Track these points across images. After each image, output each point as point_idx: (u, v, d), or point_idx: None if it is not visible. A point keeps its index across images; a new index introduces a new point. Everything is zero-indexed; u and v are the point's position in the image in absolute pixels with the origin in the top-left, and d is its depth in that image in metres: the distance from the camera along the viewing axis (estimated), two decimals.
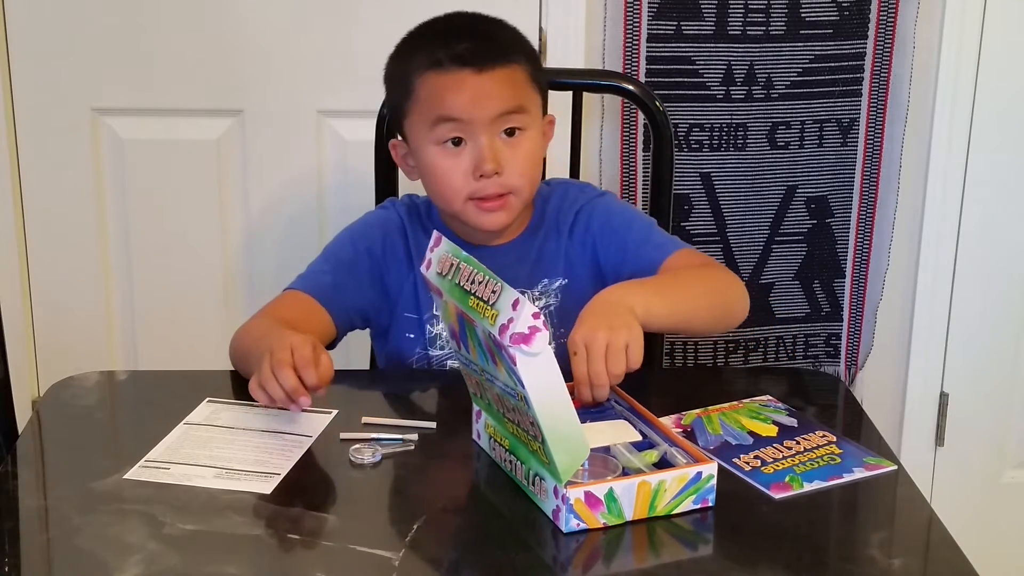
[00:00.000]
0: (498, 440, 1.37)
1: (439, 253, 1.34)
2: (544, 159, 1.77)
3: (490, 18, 1.71)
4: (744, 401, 1.55)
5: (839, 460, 1.40)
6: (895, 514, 1.38)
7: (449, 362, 1.69)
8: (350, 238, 1.76)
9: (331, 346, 1.67)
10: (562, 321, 1.70)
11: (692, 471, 1.27)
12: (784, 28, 2.30)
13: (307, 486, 1.35)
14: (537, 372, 1.19)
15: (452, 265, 1.30)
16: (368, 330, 1.79)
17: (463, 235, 1.71)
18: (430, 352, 1.70)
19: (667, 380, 1.85)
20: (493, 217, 1.66)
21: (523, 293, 1.68)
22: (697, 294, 1.63)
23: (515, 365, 1.18)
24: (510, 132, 1.63)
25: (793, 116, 2.35)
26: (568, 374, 1.41)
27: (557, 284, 1.72)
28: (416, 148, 1.67)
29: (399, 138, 1.73)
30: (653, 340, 1.82)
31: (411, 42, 1.71)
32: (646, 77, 2.28)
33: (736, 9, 2.27)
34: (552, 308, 1.72)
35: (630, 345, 1.42)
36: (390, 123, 1.74)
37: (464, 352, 1.34)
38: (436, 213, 1.75)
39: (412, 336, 1.71)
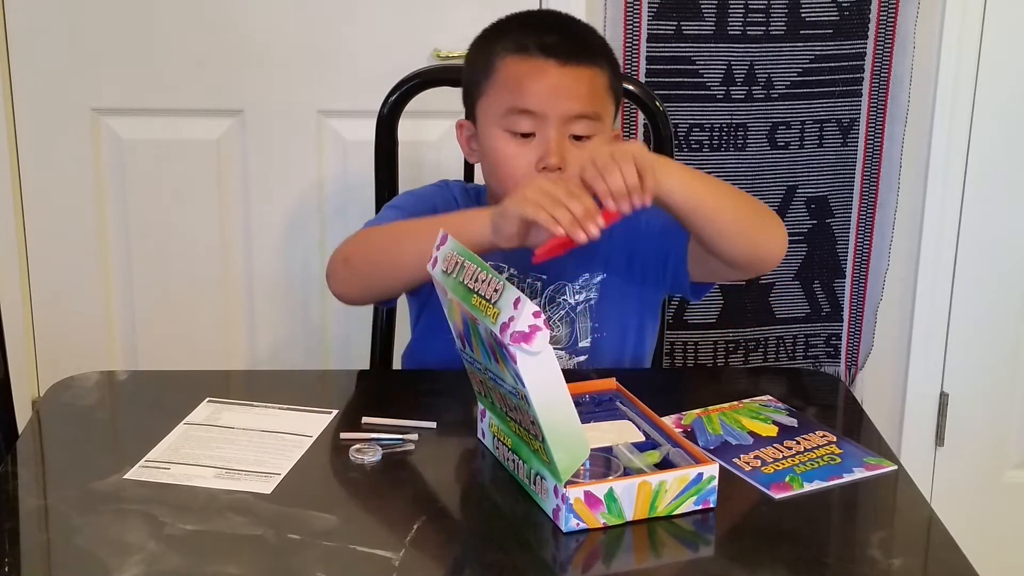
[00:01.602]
0: (501, 439, 1.37)
1: (445, 251, 1.34)
2: None
3: (581, 20, 1.72)
4: (744, 401, 1.55)
5: (839, 460, 1.40)
6: (895, 514, 1.38)
7: None
8: (415, 198, 1.73)
9: (410, 292, 1.67)
10: (599, 316, 1.70)
11: (693, 472, 1.27)
12: (784, 28, 2.30)
13: (307, 486, 1.35)
14: (537, 371, 1.19)
15: (457, 263, 1.30)
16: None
17: None
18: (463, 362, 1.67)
19: (667, 380, 1.85)
20: None
21: (564, 286, 1.68)
22: (726, 194, 1.57)
23: (515, 363, 1.18)
24: (578, 136, 1.62)
25: (793, 116, 2.35)
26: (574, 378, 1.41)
27: (598, 279, 1.71)
28: (483, 129, 1.66)
29: (467, 120, 1.71)
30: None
31: (499, 27, 1.70)
32: (646, 77, 2.28)
33: (736, 9, 2.28)
34: (592, 303, 1.70)
35: (636, 156, 1.43)
36: (463, 102, 1.71)
37: (468, 351, 1.35)
38: (486, 202, 1.74)
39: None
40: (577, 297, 1.70)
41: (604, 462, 1.31)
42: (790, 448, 1.43)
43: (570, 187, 1.45)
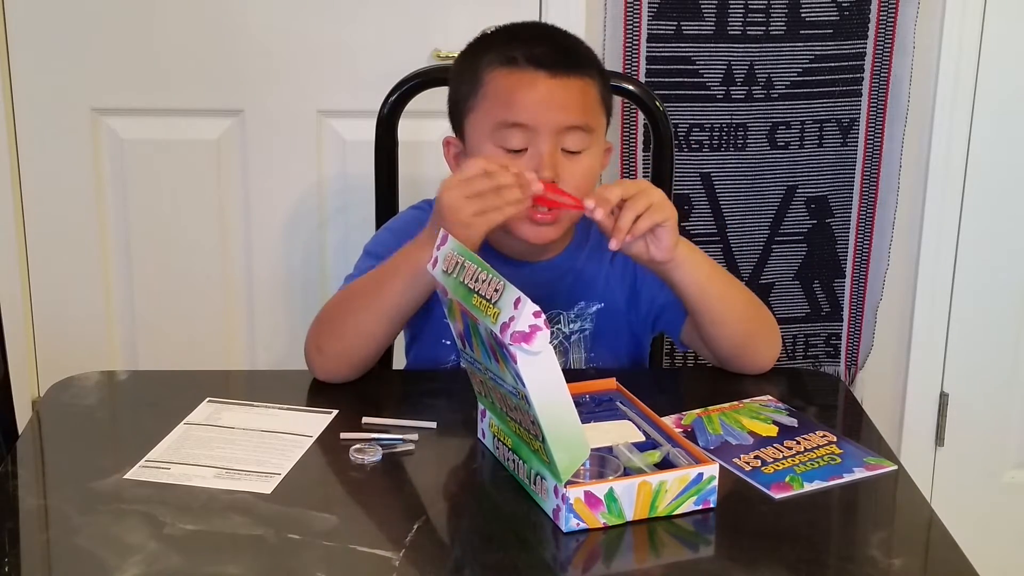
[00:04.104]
0: (501, 439, 1.37)
1: (445, 251, 1.34)
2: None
3: (567, 31, 1.68)
4: (744, 401, 1.55)
5: (839, 460, 1.40)
6: (895, 514, 1.38)
7: None
8: (393, 235, 1.68)
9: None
10: (595, 346, 1.69)
11: (693, 472, 1.27)
12: (784, 28, 2.30)
13: (307, 486, 1.35)
14: (538, 371, 1.19)
15: (457, 263, 1.30)
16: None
17: (502, 248, 1.66)
18: (462, 363, 1.67)
19: (667, 380, 1.84)
20: (542, 231, 1.59)
21: (559, 314, 1.66)
22: (734, 295, 1.60)
23: (516, 363, 1.18)
24: (570, 151, 1.58)
25: (793, 116, 2.35)
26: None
27: (594, 308, 1.69)
28: (473, 146, 1.61)
29: (454, 136, 1.66)
30: (654, 341, 1.82)
31: (484, 40, 1.65)
32: (646, 77, 2.28)
33: (736, 9, 2.27)
34: (587, 333, 1.69)
35: (671, 217, 1.49)
36: (450, 119, 1.67)
37: (469, 351, 1.35)
38: None
39: (448, 343, 1.67)
40: (572, 326, 1.68)
41: (604, 462, 1.31)
42: (790, 448, 1.43)
43: (472, 171, 1.47)
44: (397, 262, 1.55)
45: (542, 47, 1.59)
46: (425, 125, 2.09)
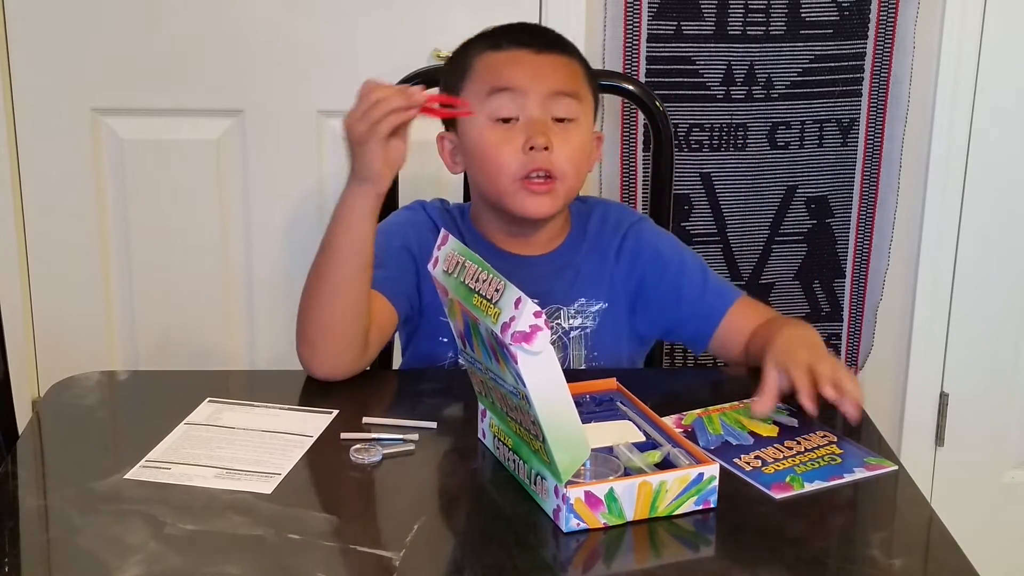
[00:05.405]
0: (502, 439, 1.37)
1: (446, 251, 1.34)
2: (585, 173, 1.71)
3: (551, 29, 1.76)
4: (745, 401, 1.55)
5: (840, 460, 1.40)
6: (895, 514, 1.38)
7: None
8: (384, 237, 1.67)
9: (393, 334, 1.67)
10: (596, 344, 1.69)
11: (693, 472, 1.27)
12: (784, 28, 2.30)
13: (307, 486, 1.35)
14: (538, 371, 1.19)
15: (458, 263, 1.30)
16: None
17: (502, 243, 1.68)
18: (461, 360, 1.67)
19: (667, 380, 1.84)
20: (539, 200, 1.61)
21: (559, 309, 1.66)
22: None
23: (516, 363, 1.18)
24: (561, 120, 1.62)
25: (793, 116, 2.35)
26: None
27: (597, 307, 1.69)
28: (466, 129, 1.64)
29: (446, 131, 1.70)
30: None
31: (471, 39, 1.72)
32: (646, 77, 2.28)
33: (736, 9, 2.28)
34: (589, 331, 1.69)
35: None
36: (441, 116, 1.70)
37: (469, 351, 1.35)
38: (470, 219, 1.72)
39: (445, 340, 1.67)
40: (572, 322, 1.68)
41: (604, 462, 1.31)
42: (790, 448, 1.43)
43: (360, 94, 1.48)
44: (338, 213, 1.54)
45: (527, 35, 1.67)
46: (425, 125, 2.09)
